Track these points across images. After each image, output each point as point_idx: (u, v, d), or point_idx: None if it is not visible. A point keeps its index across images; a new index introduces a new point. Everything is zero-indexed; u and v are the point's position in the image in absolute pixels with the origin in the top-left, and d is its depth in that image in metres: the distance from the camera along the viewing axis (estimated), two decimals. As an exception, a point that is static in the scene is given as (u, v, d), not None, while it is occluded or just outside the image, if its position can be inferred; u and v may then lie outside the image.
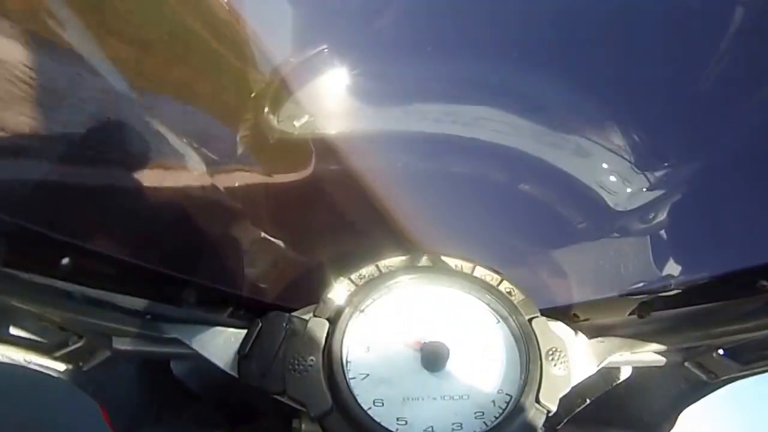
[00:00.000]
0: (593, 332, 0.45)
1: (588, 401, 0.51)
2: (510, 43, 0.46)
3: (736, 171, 0.45)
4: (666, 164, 0.47)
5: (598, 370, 0.42)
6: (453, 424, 0.37)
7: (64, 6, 0.37)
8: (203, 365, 0.40)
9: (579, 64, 0.48)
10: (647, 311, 0.44)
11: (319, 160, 0.53)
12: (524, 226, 0.53)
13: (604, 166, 0.50)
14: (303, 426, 0.42)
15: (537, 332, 0.41)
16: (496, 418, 0.38)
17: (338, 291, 0.42)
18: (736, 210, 0.45)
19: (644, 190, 0.49)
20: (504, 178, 0.53)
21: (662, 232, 0.48)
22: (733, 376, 0.46)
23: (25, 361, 0.39)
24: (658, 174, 0.48)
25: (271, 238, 0.50)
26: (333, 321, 0.40)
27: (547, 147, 0.52)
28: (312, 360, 0.38)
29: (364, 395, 0.37)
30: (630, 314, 0.46)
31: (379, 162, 0.53)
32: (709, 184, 0.45)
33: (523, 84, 0.49)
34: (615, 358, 0.43)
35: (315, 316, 0.41)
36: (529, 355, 0.40)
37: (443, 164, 0.54)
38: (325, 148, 0.52)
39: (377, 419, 0.36)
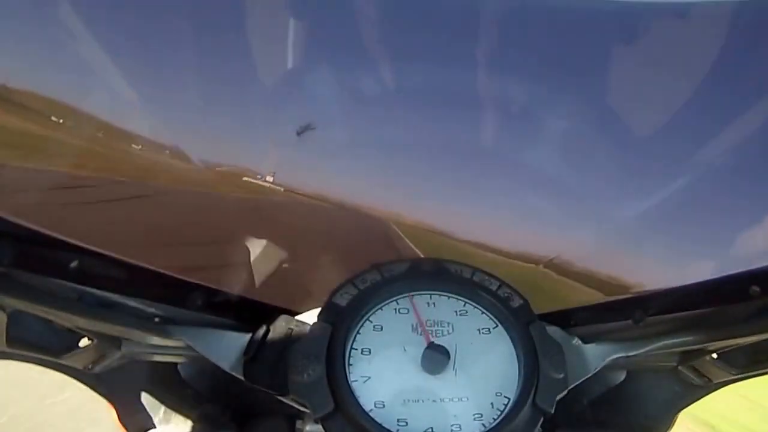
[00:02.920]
0: (589, 336, 0.46)
1: (584, 404, 0.52)
2: (504, 49, 0.47)
3: (729, 178, 0.46)
4: (659, 171, 0.48)
5: (594, 374, 0.43)
6: (452, 425, 0.38)
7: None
8: (209, 367, 0.41)
9: (573, 69, 0.48)
10: (642, 316, 0.45)
11: (322, 166, 0.54)
12: (521, 232, 0.54)
13: (599, 172, 0.51)
14: (306, 427, 0.43)
15: (534, 336, 0.42)
16: (495, 419, 0.38)
17: (341, 295, 0.43)
18: (729, 216, 0.46)
19: (638, 196, 0.50)
20: (499, 183, 0.54)
21: (656, 238, 0.49)
22: (726, 380, 0.47)
23: (37, 362, 0.40)
24: (653, 181, 0.49)
25: (276, 243, 0.51)
26: (336, 325, 0.41)
27: (540, 151, 0.52)
28: (315, 363, 0.39)
29: (366, 397, 0.38)
30: (625, 319, 0.47)
31: (376, 167, 0.54)
32: (703, 191, 0.46)
33: (515, 88, 0.49)
34: (610, 362, 0.44)
35: (318, 320, 0.42)
36: (526, 359, 0.41)
37: (439, 169, 0.54)
38: (327, 153, 0.53)
39: (378, 420, 0.37)
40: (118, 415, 0.44)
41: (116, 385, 0.43)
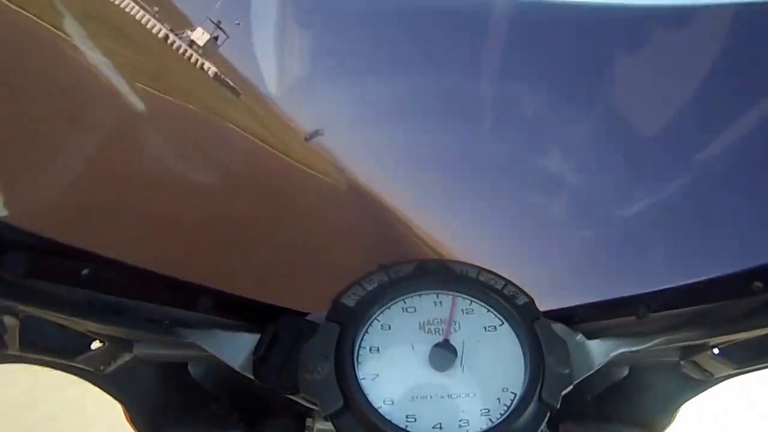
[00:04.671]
0: (593, 332, 0.46)
1: (588, 398, 0.53)
2: (513, 59, 0.47)
3: (730, 176, 0.46)
4: (663, 170, 0.49)
5: (598, 369, 0.44)
6: (460, 421, 0.39)
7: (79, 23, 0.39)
8: (220, 367, 0.42)
9: (577, 75, 0.49)
10: (645, 312, 0.46)
11: (330, 169, 0.54)
12: (526, 232, 0.55)
13: (604, 172, 0.51)
14: (316, 424, 0.44)
15: (540, 333, 0.42)
16: (502, 414, 0.39)
17: (349, 296, 0.44)
18: (731, 213, 0.47)
19: (643, 195, 0.50)
20: (506, 185, 0.55)
21: (660, 235, 0.49)
22: (728, 374, 0.47)
23: (49, 365, 0.41)
24: (656, 180, 0.49)
25: (282, 245, 0.52)
26: (344, 324, 0.41)
27: (545, 154, 0.53)
28: (324, 361, 0.39)
29: (375, 394, 0.39)
30: (628, 315, 0.47)
31: (383, 171, 0.54)
32: (705, 190, 0.47)
33: (521, 97, 0.50)
34: (614, 357, 0.44)
35: (327, 319, 0.42)
36: (532, 355, 0.41)
37: (446, 172, 0.55)
38: (333, 158, 0.54)
39: (387, 417, 0.37)
40: (128, 416, 0.44)
41: (127, 385, 0.44)
